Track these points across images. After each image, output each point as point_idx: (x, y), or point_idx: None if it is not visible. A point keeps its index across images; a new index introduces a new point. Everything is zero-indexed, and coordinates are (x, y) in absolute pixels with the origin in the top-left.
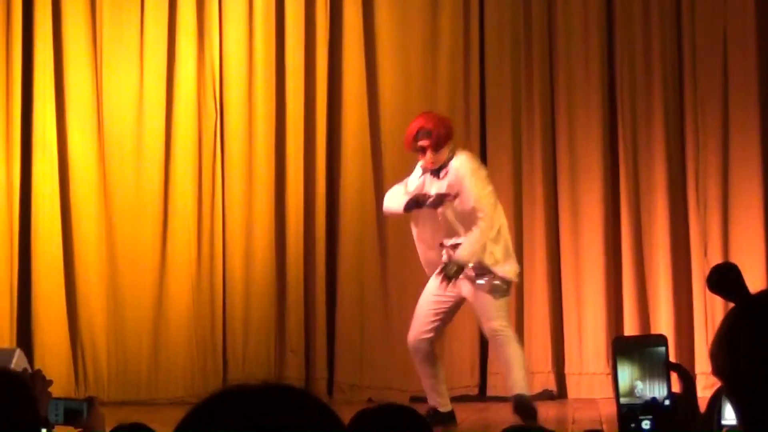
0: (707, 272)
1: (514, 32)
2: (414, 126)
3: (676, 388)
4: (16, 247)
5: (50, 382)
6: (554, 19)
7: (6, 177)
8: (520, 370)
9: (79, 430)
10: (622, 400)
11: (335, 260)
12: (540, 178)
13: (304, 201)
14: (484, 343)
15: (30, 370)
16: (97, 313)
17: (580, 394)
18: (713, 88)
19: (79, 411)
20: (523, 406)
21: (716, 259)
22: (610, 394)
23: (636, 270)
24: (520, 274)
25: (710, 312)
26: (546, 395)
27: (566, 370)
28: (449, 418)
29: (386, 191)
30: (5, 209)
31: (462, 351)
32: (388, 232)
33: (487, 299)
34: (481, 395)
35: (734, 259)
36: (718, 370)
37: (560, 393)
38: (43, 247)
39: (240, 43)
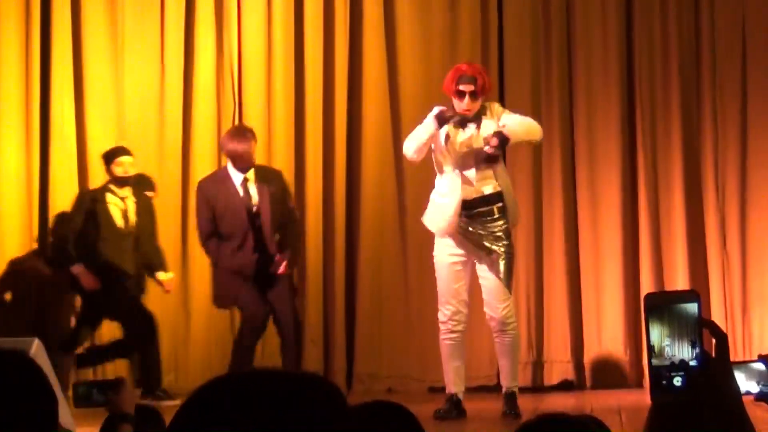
0: (725, 263)
1: (533, 22)
2: (458, 70)
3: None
4: (35, 238)
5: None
6: (572, 8)
7: (26, 170)
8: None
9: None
10: (654, 361)
11: (355, 251)
12: (559, 168)
13: (323, 192)
14: None
15: (48, 360)
16: None
17: (597, 383)
18: (732, 77)
19: (108, 392)
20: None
21: (735, 250)
22: (629, 383)
23: (654, 260)
24: (539, 267)
25: (729, 302)
26: (566, 385)
27: (585, 360)
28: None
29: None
30: (25, 201)
31: (480, 341)
32: (408, 223)
33: (499, 278)
34: (499, 385)
35: (752, 249)
36: None
37: (579, 382)
38: None
39: (259, 34)
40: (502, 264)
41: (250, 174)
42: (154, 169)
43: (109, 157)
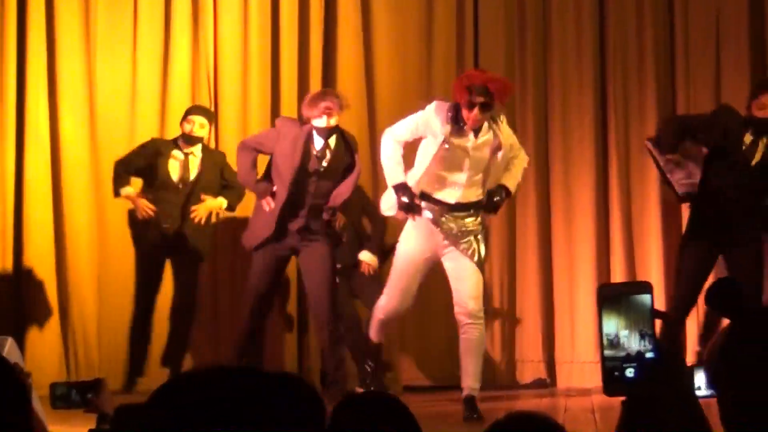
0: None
1: (508, 23)
2: (469, 77)
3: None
4: (10, 236)
5: (28, 374)
6: (548, 9)
7: (0, 166)
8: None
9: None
10: (607, 352)
11: None
12: (532, 166)
13: None
14: None
15: (22, 359)
16: (88, 301)
17: (572, 382)
18: (705, 78)
19: (88, 393)
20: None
21: None
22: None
23: (627, 261)
24: (512, 266)
25: (701, 302)
26: (538, 384)
27: (557, 359)
28: None
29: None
30: None
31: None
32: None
33: (477, 271)
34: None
35: None
36: (712, 382)
37: (552, 382)
38: (35, 236)
39: (235, 32)
40: (474, 258)
41: (332, 140)
42: None
43: (185, 113)
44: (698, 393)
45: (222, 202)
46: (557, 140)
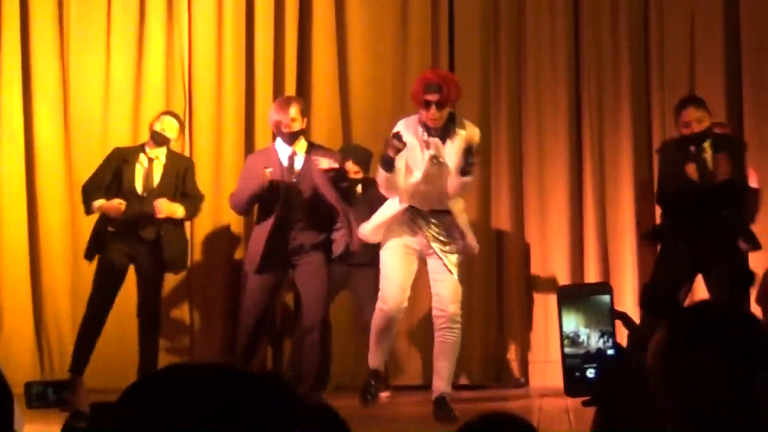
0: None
1: (482, 24)
2: (424, 78)
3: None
4: None
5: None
6: (522, 11)
7: None
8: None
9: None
10: (567, 350)
11: None
12: (507, 165)
13: None
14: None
15: None
16: (63, 301)
17: (545, 381)
18: (680, 77)
19: (63, 391)
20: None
21: None
22: None
23: (600, 258)
24: (488, 266)
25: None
26: (513, 383)
27: (530, 358)
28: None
29: None
30: None
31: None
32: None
33: (454, 276)
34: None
35: None
36: (652, 389)
37: (526, 381)
38: (9, 236)
39: (209, 31)
40: (455, 261)
41: (300, 147)
42: None
43: (158, 115)
44: None
45: (178, 208)
46: (531, 140)
